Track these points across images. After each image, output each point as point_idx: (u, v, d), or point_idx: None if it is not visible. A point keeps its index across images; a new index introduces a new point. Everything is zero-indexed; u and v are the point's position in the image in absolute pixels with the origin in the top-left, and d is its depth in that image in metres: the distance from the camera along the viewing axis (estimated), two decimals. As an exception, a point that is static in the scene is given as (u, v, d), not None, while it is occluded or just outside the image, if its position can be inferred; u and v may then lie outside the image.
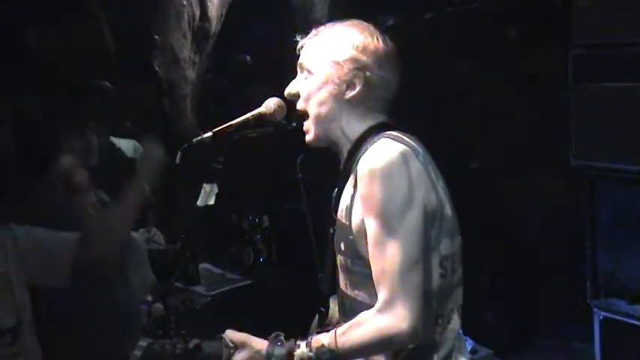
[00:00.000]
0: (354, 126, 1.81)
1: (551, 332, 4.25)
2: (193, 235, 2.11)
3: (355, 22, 1.84)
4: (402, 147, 1.68)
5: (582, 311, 3.48)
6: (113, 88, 3.04)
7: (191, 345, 1.75)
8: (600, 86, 3.27)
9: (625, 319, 3.26)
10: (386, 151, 1.67)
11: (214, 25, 3.77)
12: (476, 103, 4.32)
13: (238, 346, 1.76)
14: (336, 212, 1.81)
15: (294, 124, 1.91)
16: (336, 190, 1.84)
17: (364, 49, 1.78)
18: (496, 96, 4.22)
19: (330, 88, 1.79)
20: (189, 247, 2.22)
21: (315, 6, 4.28)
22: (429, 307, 1.69)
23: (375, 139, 1.74)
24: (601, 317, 3.33)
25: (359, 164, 1.70)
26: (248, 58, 4.42)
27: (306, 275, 3.48)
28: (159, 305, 1.77)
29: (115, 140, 3.41)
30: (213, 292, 3.56)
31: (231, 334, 1.78)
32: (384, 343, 1.67)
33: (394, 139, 1.72)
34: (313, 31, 1.86)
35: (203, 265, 3.79)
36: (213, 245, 3.91)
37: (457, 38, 4.22)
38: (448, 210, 1.74)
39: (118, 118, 3.36)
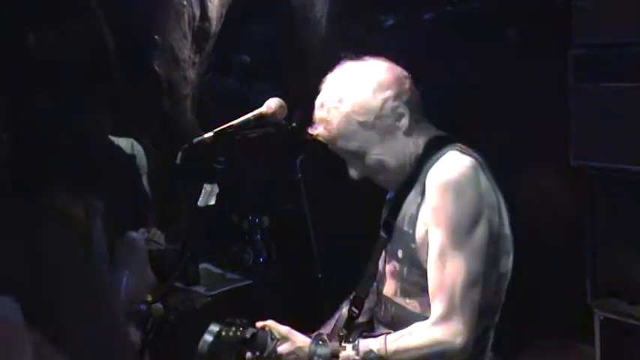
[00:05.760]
0: (411, 143, 1.80)
1: (552, 333, 4.25)
2: (193, 235, 2.11)
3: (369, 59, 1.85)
4: (472, 160, 1.70)
5: (582, 311, 3.47)
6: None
7: (248, 334, 1.78)
8: (600, 86, 3.27)
9: (625, 319, 3.25)
10: (458, 164, 1.69)
11: (214, 25, 3.77)
12: (475, 103, 4.31)
13: (282, 339, 1.79)
14: (395, 219, 1.81)
15: (294, 124, 1.91)
16: (396, 196, 1.83)
17: (396, 81, 1.81)
18: (496, 96, 4.21)
19: (382, 126, 1.78)
20: (189, 247, 2.22)
21: (315, 6, 4.28)
22: (480, 324, 1.72)
23: (444, 150, 1.74)
24: (601, 317, 3.33)
25: (429, 174, 1.70)
26: (247, 58, 4.42)
27: (306, 275, 3.49)
28: (159, 305, 1.77)
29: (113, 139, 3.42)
30: (213, 292, 3.55)
31: (275, 325, 1.82)
32: (434, 355, 1.68)
33: (463, 151, 1.73)
34: (335, 73, 1.84)
35: (203, 265, 3.78)
36: (213, 245, 3.90)
37: (457, 38, 4.21)
38: (507, 228, 1.77)
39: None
